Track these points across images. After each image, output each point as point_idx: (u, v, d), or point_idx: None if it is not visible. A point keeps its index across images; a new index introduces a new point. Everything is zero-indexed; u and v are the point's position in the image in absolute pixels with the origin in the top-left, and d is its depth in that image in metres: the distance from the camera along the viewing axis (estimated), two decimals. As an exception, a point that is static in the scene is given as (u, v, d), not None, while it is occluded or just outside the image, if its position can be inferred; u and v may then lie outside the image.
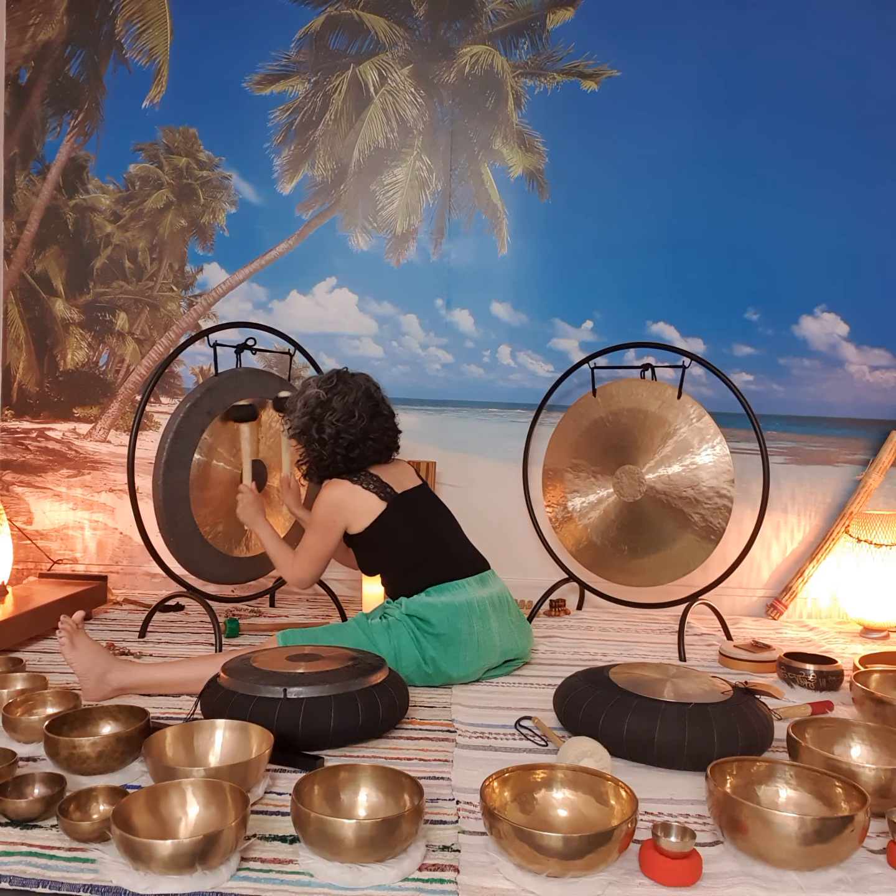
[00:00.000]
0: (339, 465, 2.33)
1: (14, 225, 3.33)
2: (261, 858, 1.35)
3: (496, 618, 2.28)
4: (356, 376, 2.40)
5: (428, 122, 3.28)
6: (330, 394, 2.33)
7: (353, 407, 2.31)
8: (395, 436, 2.43)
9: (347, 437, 2.30)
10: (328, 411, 2.31)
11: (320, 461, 2.35)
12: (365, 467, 2.35)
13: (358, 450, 2.32)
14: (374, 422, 2.34)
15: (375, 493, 2.30)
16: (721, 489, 2.77)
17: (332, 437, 2.30)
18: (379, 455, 2.37)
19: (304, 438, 2.36)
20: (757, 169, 3.22)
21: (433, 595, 2.23)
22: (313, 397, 2.33)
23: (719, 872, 1.35)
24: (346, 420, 2.30)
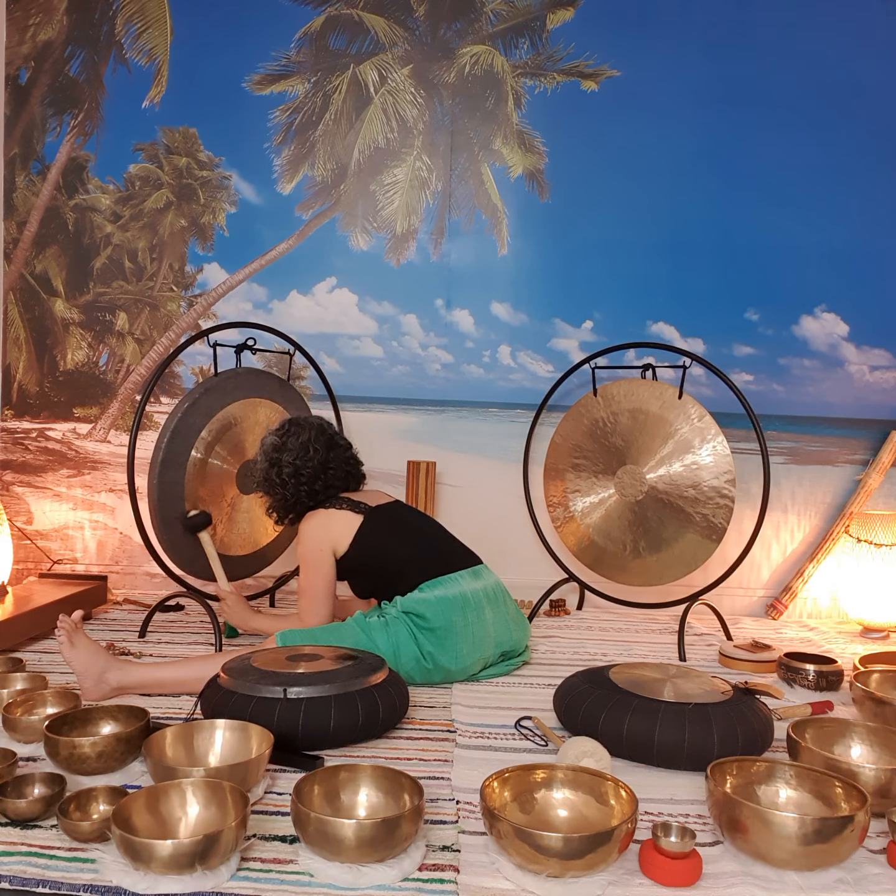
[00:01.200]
0: (305, 500, 2.42)
1: (14, 225, 3.33)
2: (261, 858, 1.35)
3: (491, 609, 2.29)
4: (308, 418, 2.53)
5: (428, 122, 3.28)
6: (284, 437, 2.45)
7: (307, 443, 2.43)
8: (357, 466, 2.53)
9: (307, 472, 2.40)
10: (284, 453, 2.42)
11: (286, 502, 2.44)
12: (333, 494, 2.43)
13: (320, 481, 2.41)
14: (330, 453, 2.44)
15: (349, 509, 2.37)
16: (722, 489, 2.77)
17: (292, 476, 2.40)
18: (344, 482, 2.46)
19: (266, 486, 2.46)
20: (757, 169, 3.22)
21: (426, 590, 2.25)
22: (270, 445, 2.46)
23: (719, 872, 1.35)
24: (303, 456, 2.41)
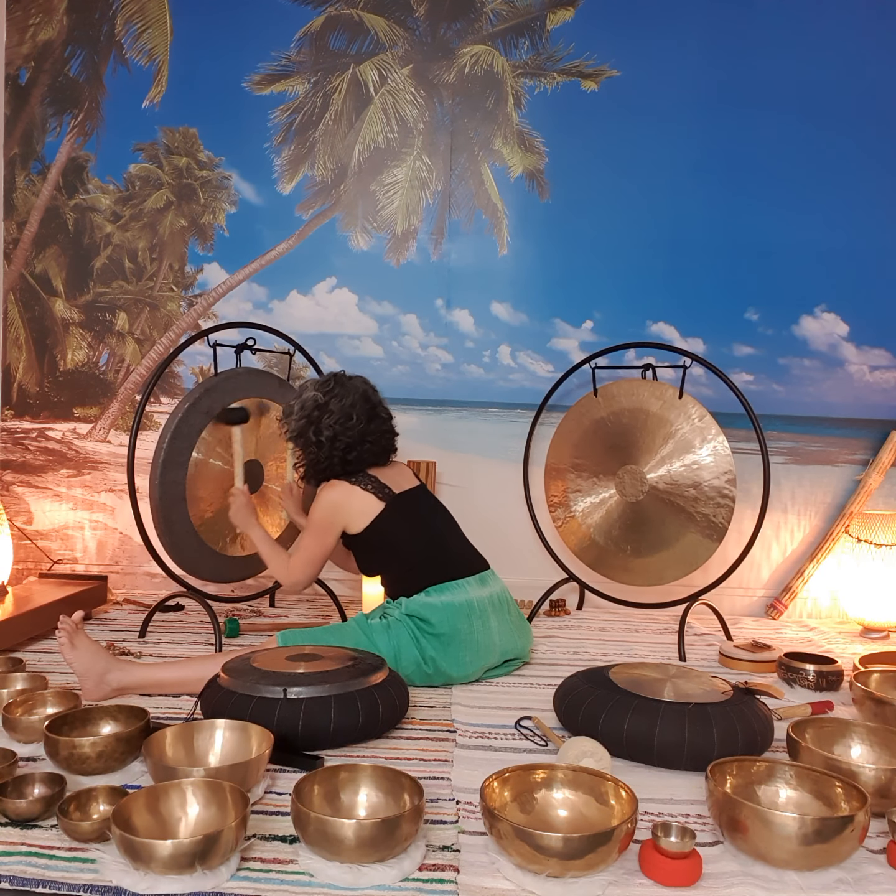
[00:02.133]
0: (337, 467, 2.33)
1: (14, 225, 3.33)
2: (261, 858, 1.35)
3: (496, 617, 2.27)
4: (353, 379, 2.40)
5: (428, 122, 3.28)
6: (327, 397, 2.33)
7: (350, 410, 2.32)
8: (393, 438, 2.43)
9: (345, 439, 2.31)
10: (325, 414, 2.31)
11: (318, 464, 2.36)
12: (362, 469, 2.35)
13: (355, 452, 2.32)
14: (371, 424, 2.35)
15: (373, 493, 2.30)
16: (723, 489, 2.77)
17: (330, 440, 2.31)
18: (376, 457, 2.38)
19: (301, 441, 2.37)
20: (757, 169, 3.22)
21: (433, 595, 2.23)
22: (310, 400, 2.34)
23: (719, 872, 1.35)
24: (344, 423, 2.31)
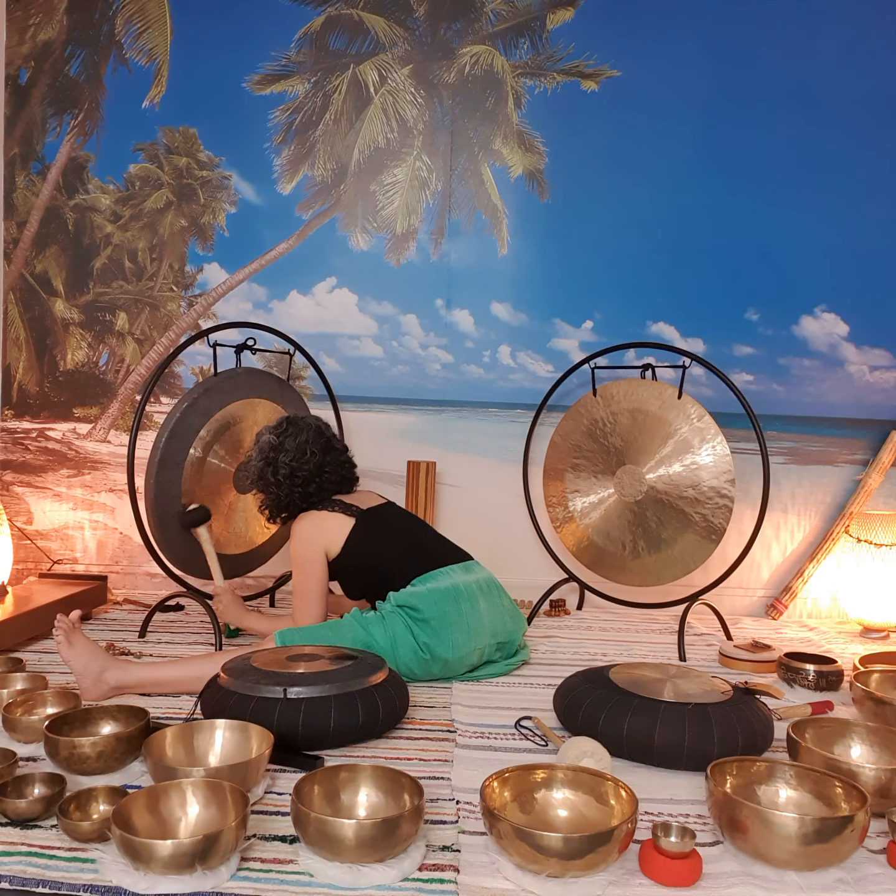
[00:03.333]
0: (298, 502, 2.44)
1: (14, 225, 3.33)
2: (261, 858, 1.35)
3: (485, 600, 2.31)
4: (305, 418, 2.53)
5: (428, 122, 3.28)
6: (281, 437, 2.45)
7: (304, 445, 2.43)
8: (352, 468, 2.54)
9: (302, 474, 2.41)
10: (281, 453, 2.43)
11: (279, 501, 2.45)
12: (326, 497, 2.44)
13: (314, 484, 2.43)
14: (327, 457, 2.46)
15: (341, 512, 2.38)
16: (722, 489, 2.77)
17: (287, 477, 2.41)
18: (338, 486, 2.48)
19: (261, 484, 2.47)
20: (757, 169, 3.22)
21: (418, 584, 2.28)
22: (266, 444, 2.46)
23: (719, 872, 1.34)
24: (300, 458, 2.42)
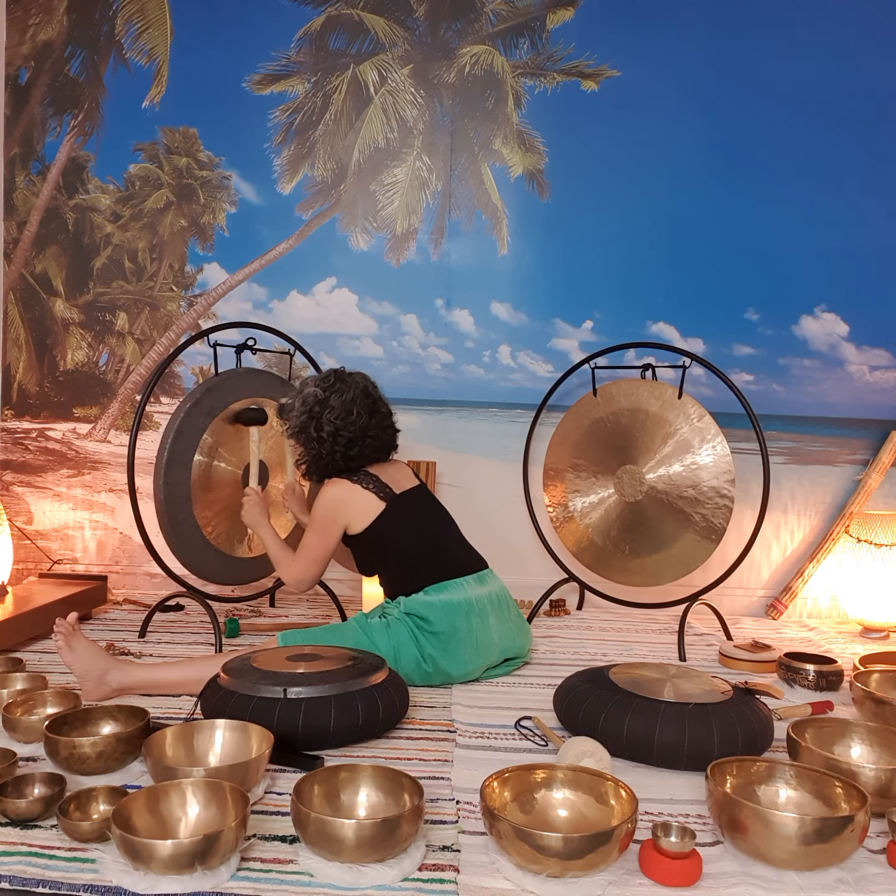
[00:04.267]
0: (339, 462, 2.33)
1: (14, 225, 3.33)
2: (261, 858, 1.35)
3: (495, 616, 2.28)
4: (354, 375, 2.40)
5: (428, 122, 3.28)
6: (328, 392, 2.33)
7: (351, 405, 2.31)
8: (394, 434, 2.43)
9: (346, 434, 2.30)
10: (326, 409, 2.31)
11: (319, 459, 2.35)
12: (364, 466, 2.35)
13: (357, 447, 2.32)
14: (372, 419, 2.34)
15: (375, 492, 2.30)
16: (722, 489, 2.77)
17: (331, 435, 2.30)
18: (378, 453, 2.37)
19: (302, 437, 2.36)
20: (757, 169, 3.22)
21: (431, 594, 2.23)
22: (311, 396, 2.34)
23: (719, 872, 1.35)
24: (345, 418, 2.30)
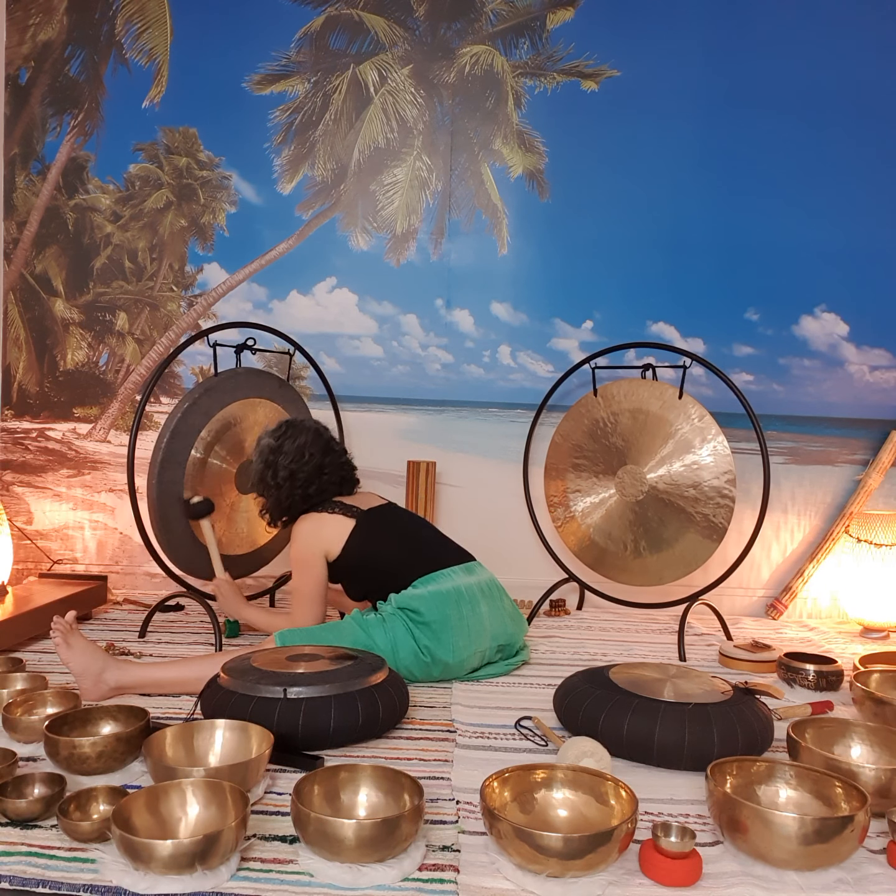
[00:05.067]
0: (299, 503, 2.44)
1: (14, 225, 3.33)
2: (261, 858, 1.35)
3: (486, 603, 2.31)
4: (304, 421, 2.55)
5: (428, 122, 3.28)
6: (280, 440, 2.46)
7: (303, 448, 2.44)
8: (352, 469, 2.55)
9: (302, 475, 2.42)
10: (280, 455, 2.44)
11: (280, 504, 2.46)
12: (327, 499, 2.44)
13: (314, 485, 2.43)
14: (326, 458, 2.47)
15: (341, 513, 2.38)
16: (723, 489, 2.77)
17: (287, 479, 2.42)
18: (338, 487, 2.48)
19: (261, 487, 2.48)
20: (757, 168, 3.22)
21: (419, 586, 2.28)
22: (266, 447, 2.47)
23: (719, 872, 1.34)
24: (299, 460, 2.43)
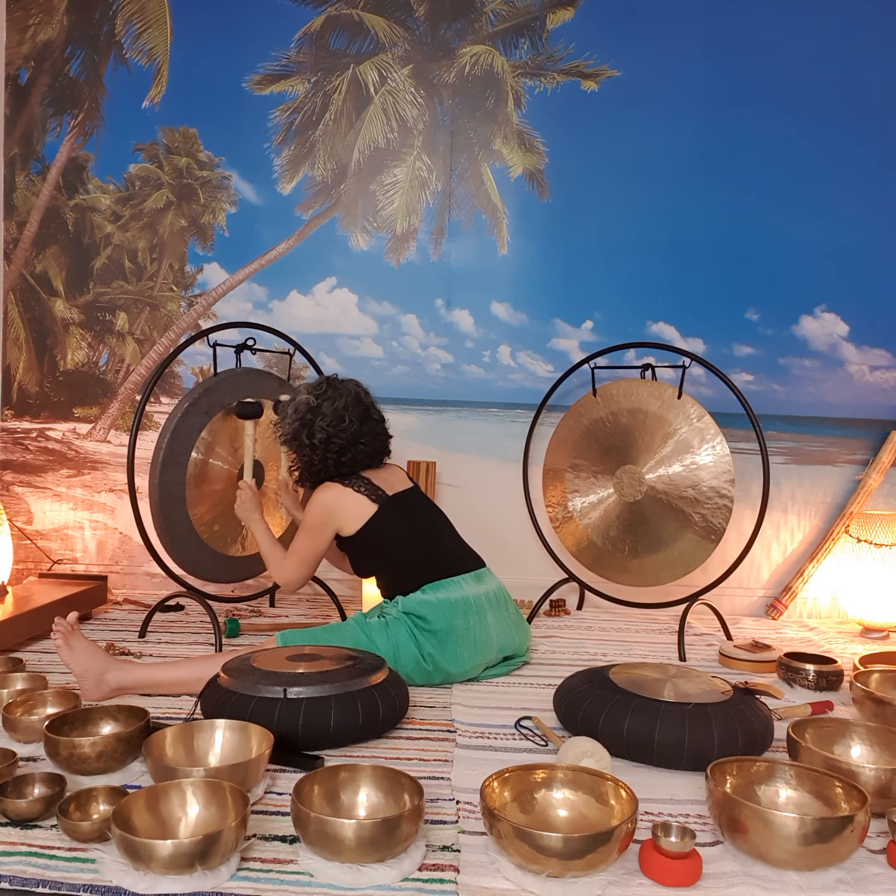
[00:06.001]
0: (331, 469, 2.36)
1: (14, 225, 3.33)
2: (261, 858, 1.35)
3: (493, 613, 2.29)
4: (346, 382, 2.43)
5: (428, 122, 3.28)
6: (320, 399, 2.37)
7: (342, 412, 2.35)
8: (387, 440, 2.46)
9: (338, 441, 2.33)
10: (318, 416, 2.34)
11: (311, 466, 2.38)
12: (357, 471, 2.38)
13: (349, 454, 2.35)
14: (364, 426, 2.37)
15: (366, 495, 2.32)
16: (721, 489, 2.77)
17: (323, 442, 2.33)
18: (371, 459, 2.40)
19: (295, 444, 2.39)
20: (757, 168, 3.22)
21: (429, 592, 2.24)
22: (303, 403, 2.37)
23: (719, 872, 1.35)
24: (337, 425, 2.34)
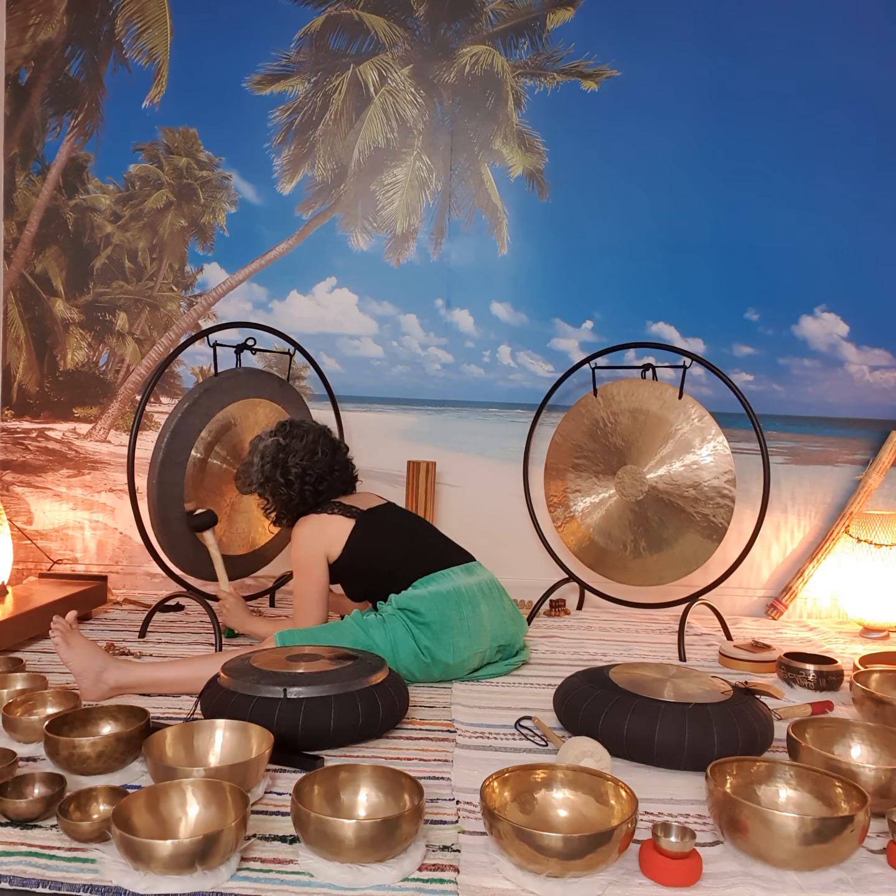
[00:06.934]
0: (309, 500, 2.43)
1: (14, 225, 3.33)
2: (261, 858, 1.35)
3: (486, 603, 2.31)
4: (306, 421, 2.56)
5: (428, 122, 3.28)
6: (287, 439, 2.45)
7: (313, 445, 2.45)
8: (353, 468, 2.56)
9: (315, 472, 2.43)
10: (290, 454, 2.43)
11: (290, 502, 2.44)
12: (330, 499, 2.44)
13: (325, 482, 2.44)
14: (336, 455, 2.49)
15: (341, 514, 2.38)
16: (723, 489, 2.77)
17: (299, 477, 2.41)
18: (345, 485, 2.51)
19: (269, 486, 2.45)
20: (757, 168, 3.22)
21: (420, 587, 2.28)
22: (271, 446, 2.45)
23: (719, 872, 1.34)
24: (311, 458, 2.43)
